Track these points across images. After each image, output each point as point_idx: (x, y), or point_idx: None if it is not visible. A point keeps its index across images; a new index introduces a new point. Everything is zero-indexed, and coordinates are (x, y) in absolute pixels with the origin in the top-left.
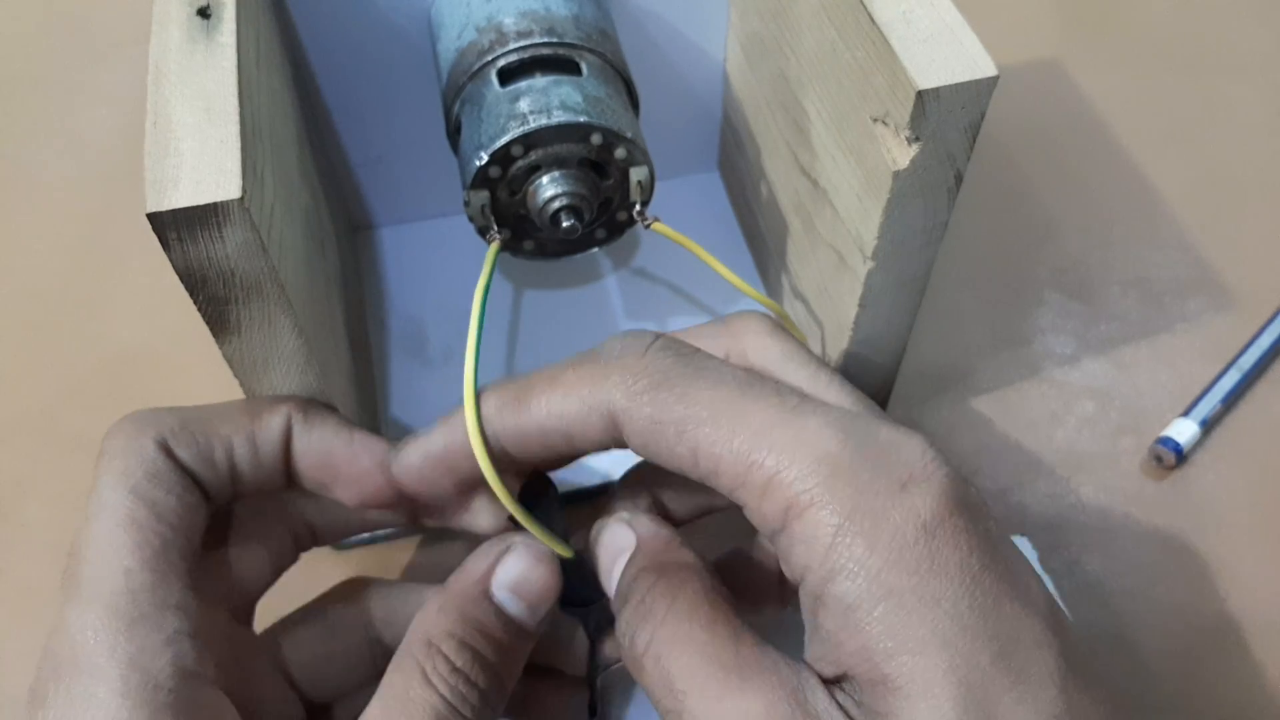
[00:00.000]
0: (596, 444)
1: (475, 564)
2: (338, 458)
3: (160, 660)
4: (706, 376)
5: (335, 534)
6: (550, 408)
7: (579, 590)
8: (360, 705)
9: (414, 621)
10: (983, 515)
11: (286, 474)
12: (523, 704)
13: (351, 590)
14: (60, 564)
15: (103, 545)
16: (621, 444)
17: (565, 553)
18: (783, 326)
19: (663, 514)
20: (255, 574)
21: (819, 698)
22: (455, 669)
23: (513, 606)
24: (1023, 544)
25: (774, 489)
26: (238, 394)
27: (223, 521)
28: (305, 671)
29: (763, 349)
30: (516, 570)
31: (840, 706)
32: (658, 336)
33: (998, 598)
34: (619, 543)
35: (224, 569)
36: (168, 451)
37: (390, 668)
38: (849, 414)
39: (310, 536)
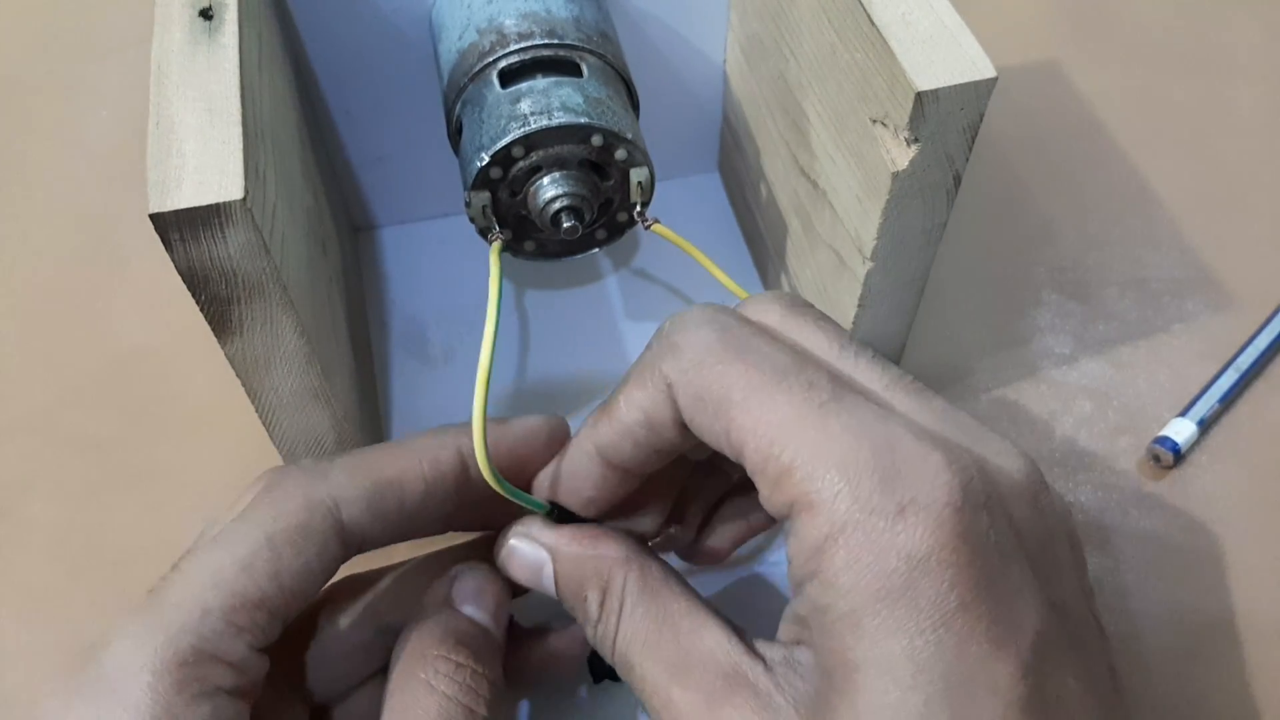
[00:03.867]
0: (673, 427)
1: (433, 594)
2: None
3: (194, 712)
4: (747, 357)
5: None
6: (628, 401)
7: None
8: (362, 701)
9: (396, 650)
10: (987, 548)
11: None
12: (520, 667)
13: (356, 585)
14: (62, 563)
15: (202, 576)
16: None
17: (542, 509)
18: (803, 304)
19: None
20: (336, 671)
21: (758, 675)
22: (459, 666)
23: (480, 617)
24: None
25: (784, 483)
26: (240, 393)
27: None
28: (317, 675)
29: (783, 331)
30: (473, 585)
31: (774, 676)
32: (707, 310)
33: (964, 639)
34: (529, 561)
35: (305, 659)
36: (333, 516)
37: (388, 693)
38: (877, 417)
39: (393, 635)
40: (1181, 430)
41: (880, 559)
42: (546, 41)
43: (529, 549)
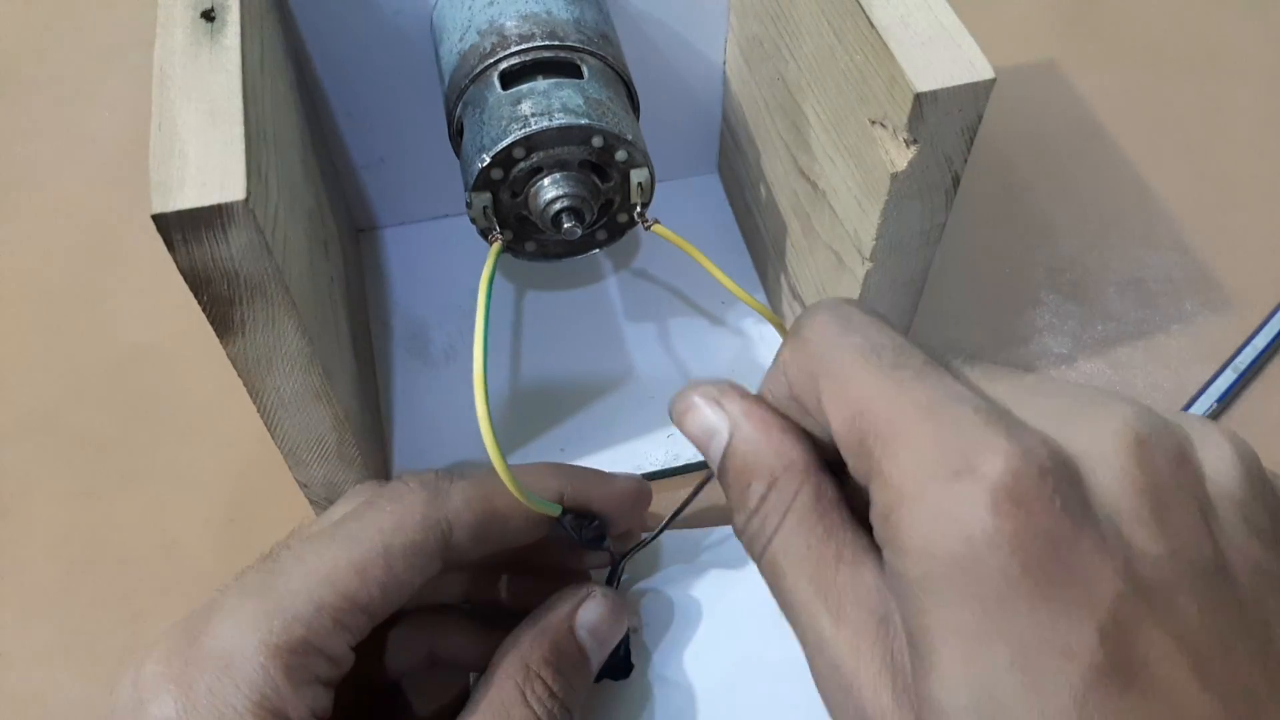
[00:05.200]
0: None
1: (561, 604)
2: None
3: (300, 699)
4: (852, 338)
5: (461, 664)
6: (765, 383)
7: (582, 541)
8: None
9: (505, 646)
10: (1051, 514)
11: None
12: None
13: (418, 618)
14: (62, 563)
15: (321, 570)
16: None
17: (553, 512)
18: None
19: None
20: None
21: (900, 633)
22: (553, 694)
23: (589, 644)
24: None
25: (860, 453)
26: (242, 394)
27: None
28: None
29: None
30: (597, 614)
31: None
32: (834, 300)
33: (1033, 601)
34: (706, 424)
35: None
36: (445, 539)
37: (484, 685)
38: (953, 395)
39: (432, 664)
40: None
41: (942, 526)
42: (547, 43)
43: (710, 413)
